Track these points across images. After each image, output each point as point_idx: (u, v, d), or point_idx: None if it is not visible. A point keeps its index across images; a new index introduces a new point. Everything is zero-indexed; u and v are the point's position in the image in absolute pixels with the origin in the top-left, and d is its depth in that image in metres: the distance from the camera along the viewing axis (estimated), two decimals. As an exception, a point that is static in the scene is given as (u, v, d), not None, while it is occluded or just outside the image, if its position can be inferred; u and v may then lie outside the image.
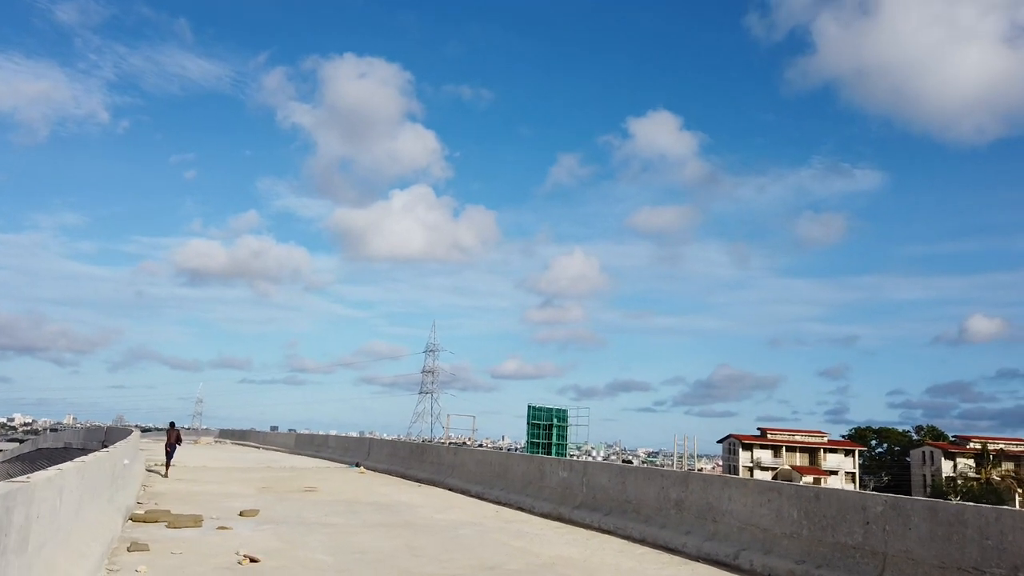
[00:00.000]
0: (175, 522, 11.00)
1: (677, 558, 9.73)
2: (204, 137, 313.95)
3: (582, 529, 12.26)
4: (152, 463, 23.52)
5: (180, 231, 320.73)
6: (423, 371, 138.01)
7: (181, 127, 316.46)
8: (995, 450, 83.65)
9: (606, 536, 11.53)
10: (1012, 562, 6.02)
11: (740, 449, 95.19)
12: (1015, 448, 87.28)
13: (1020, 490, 79.52)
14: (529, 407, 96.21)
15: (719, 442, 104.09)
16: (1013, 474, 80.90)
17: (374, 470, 25.96)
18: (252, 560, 8.30)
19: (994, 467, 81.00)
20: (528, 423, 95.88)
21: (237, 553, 8.63)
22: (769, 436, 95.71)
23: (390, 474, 24.27)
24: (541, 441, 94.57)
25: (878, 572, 7.30)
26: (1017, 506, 78.58)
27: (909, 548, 7.08)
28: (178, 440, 22.47)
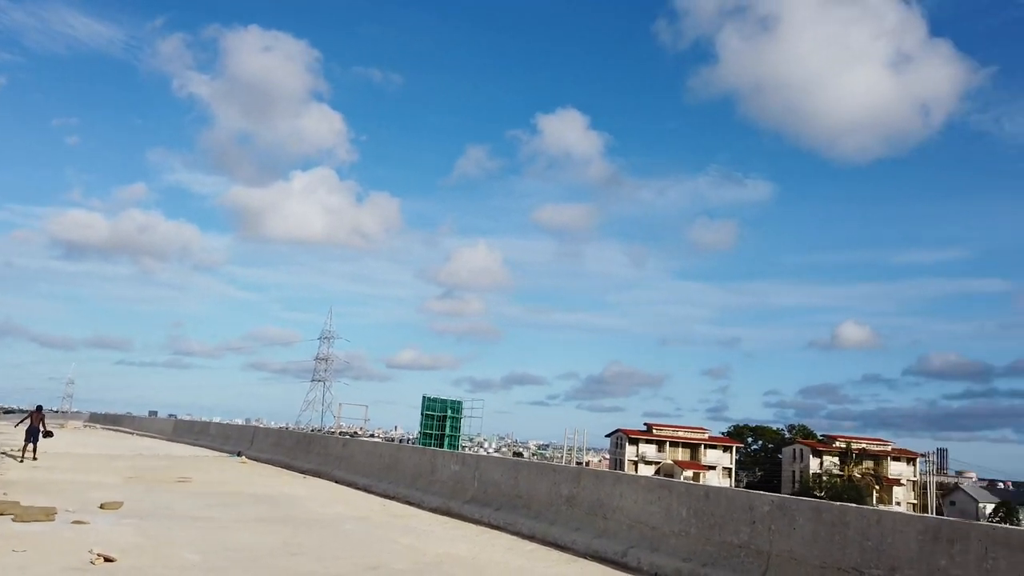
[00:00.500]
0: (23, 515, 9.92)
1: (566, 555, 9.62)
2: (91, 102, 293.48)
3: (472, 525, 12.00)
4: (8, 448, 21.54)
5: (58, 200, 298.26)
6: (316, 358, 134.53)
7: (65, 89, 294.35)
8: (857, 449, 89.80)
9: (496, 532, 11.31)
10: (890, 563, 6.18)
11: (627, 443, 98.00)
12: (875, 448, 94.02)
13: (877, 487, 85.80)
14: (424, 398, 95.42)
15: (607, 436, 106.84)
16: (872, 472, 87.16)
17: (257, 460, 24.81)
18: (107, 559, 7.52)
19: (856, 465, 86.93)
20: (422, 414, 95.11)
21: (91, 551, 7.82)
22: (654, 431, 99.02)
23: (274, 465, 23.24)
24: (434, 432, 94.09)
25: (762, 571, 7.39)
26: (874, 502, 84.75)
27: (792, 548, 7.19)
28: (42, 424, 20.48)
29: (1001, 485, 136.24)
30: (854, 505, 7.00)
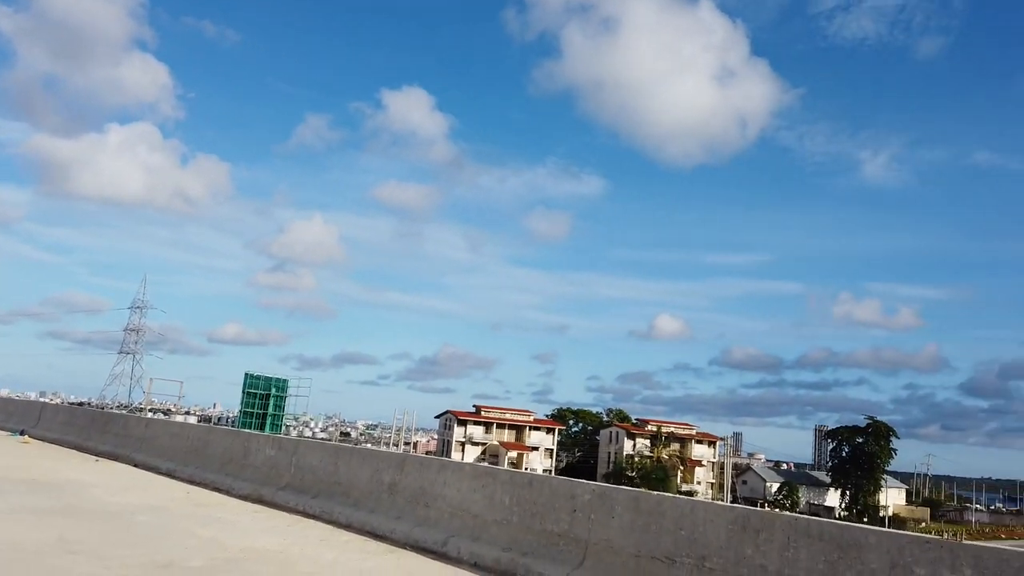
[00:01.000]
0: None
1: (384, 545, 9.21)
2: None
3: (285, 514, 11.25)
4: None
5: None
6: (126, 329, 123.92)
7: None
8: (667, 433, 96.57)
9: (311, 521, 10.66)
10: (701, 552, 6.34)
11: (455, 424, 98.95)
12: (681, 432, 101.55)
13: (682, 468, 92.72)
14: (246, 375, 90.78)
15: (437, 417, 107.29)
16: (678, 454, 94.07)
17: (44, 440, 22.11)
18: None
19: (664, 447, 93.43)
20: (244, 392, 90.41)
21: None
22: (483, 413, 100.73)
23: (64, 446, 20.79)
24: (256, 411, 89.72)
25: (579, 560, 7.39)
26: (678, 482, 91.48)
27: (611, 537, 7.24)
28: None
29: (785, 466, 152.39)
30: (671, 495, 7.16)
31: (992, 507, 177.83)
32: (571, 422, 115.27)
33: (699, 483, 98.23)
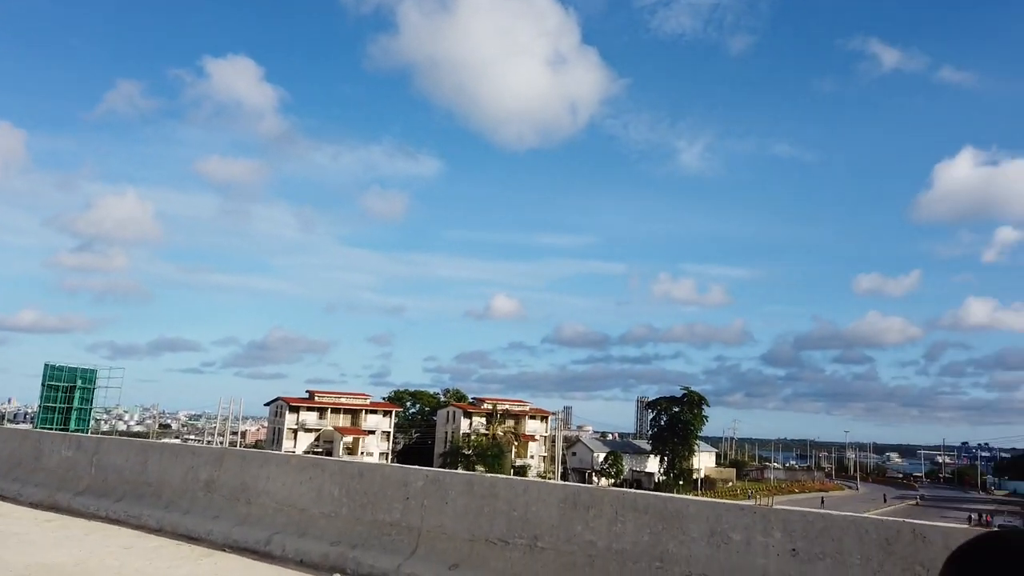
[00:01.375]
0: None
1: (200, 548, 8.49)
2: None
3: (84, 521, 10.09)
4: None
5: None
6: None
7: None
8: (501, 410, 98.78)
9: (114, 528, 9.63)
10: (533, 532, 6.33)
11: (287, 411, 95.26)
12: (516, 409, 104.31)
13: (516, 443, 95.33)
14: (46, 366, 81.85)
15: (267, 404, 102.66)
16: (512, 430, 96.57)
17: None
18: None
19: (500, 424, 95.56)
20: (43, 385, 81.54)
21: None
22: (316, 398, 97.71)
23: None
24: (60, 405, 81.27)
25: (412, 548, 7.17)
26: (513, 456, 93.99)
27: (444, 523, 7.08)
28: None
29: (611, 436, 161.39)
30: (504, 477, 7.11)
31: (787, 464, 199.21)
32: (408, 404, 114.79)
33: (532, 457, 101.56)
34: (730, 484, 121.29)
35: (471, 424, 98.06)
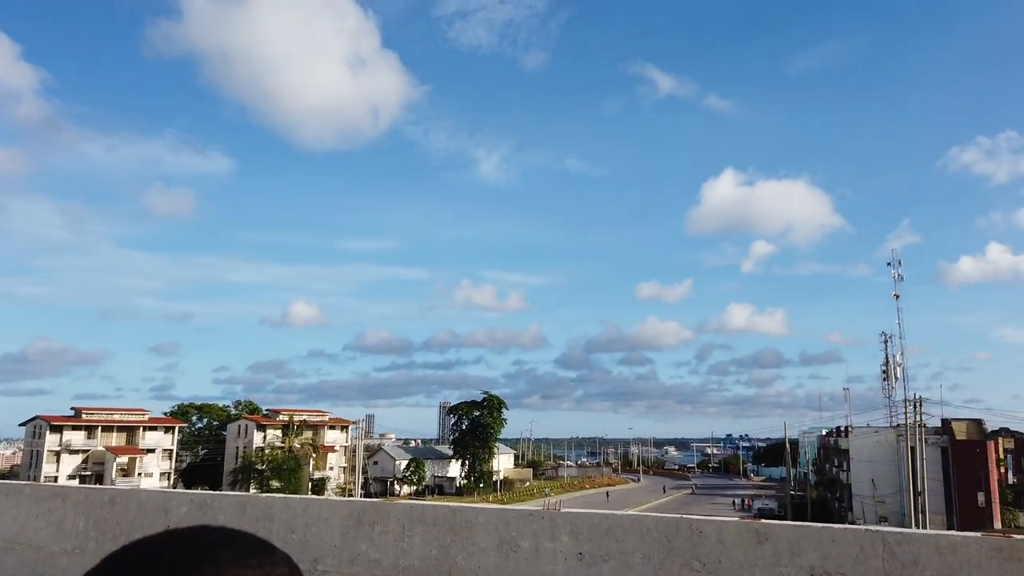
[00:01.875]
0: None
1: (-102, 605, 6.93)
2: None
3: None
4: None
5: None
6: None
7: None
8: (299, 421, 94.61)
9: None
10: (313, 555, 5.79)
11: (48, 431, 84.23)
12: (314, 419, 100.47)
13: (314, 455, 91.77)
14: None
15: (22, 424, 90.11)
16: (311, 442, 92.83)
17: None
18: None
19: (296, 436, 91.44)
20: None
21: None
22: (84, 416, 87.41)
23: None
24: None
25: (174, 583, 6.31)
26: (311, 469, 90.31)
27: (212, 550, 6.31)
28: None
29: (413, 443, 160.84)
30: (281, 496, 6.48)
31: (579, 462, 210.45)
32: (195, 418, 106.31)
33: (332, 469, 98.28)
34: (527, 484, 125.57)
35: (265, 437, 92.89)
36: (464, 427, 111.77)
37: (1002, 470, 63.71)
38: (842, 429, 77.88)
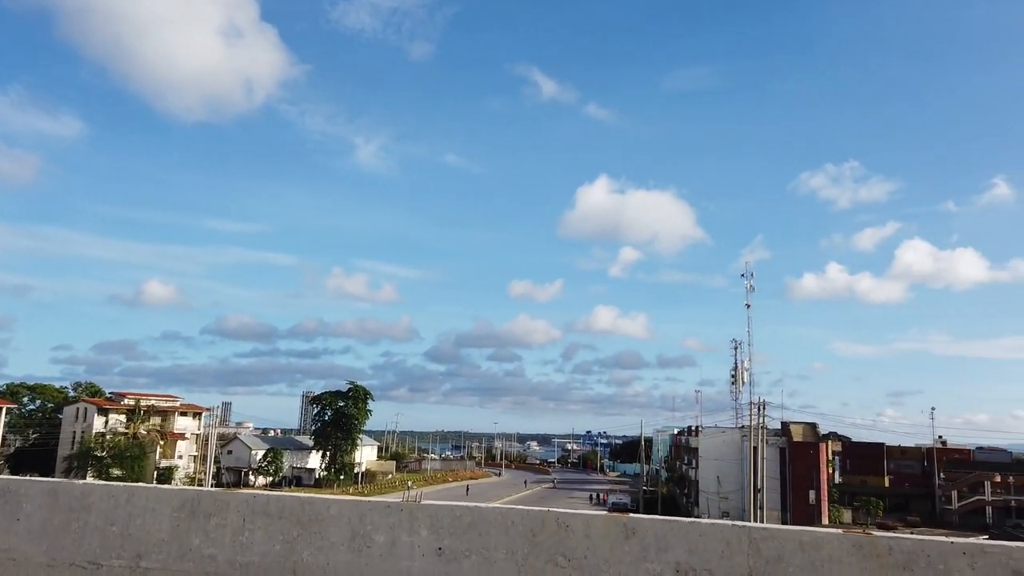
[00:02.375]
0: None
1: None
2: None
3: None
4: None
5: None
6: None
7: None
8: (146, 406, 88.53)
9: None
10: (137, 550, 5.10)
11: None
12: (164, 404, 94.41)
13: (162, 442, 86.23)
14: None
15: None
16: (158, 428, 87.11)
17: None
18: None
19: (143, 422, 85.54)
20: None
21: None
22: None
23: None
24: None
25: (-37, 583, 5.41)
26: (157, 457, 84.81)
27: (14, 545, 5.45)
28: None
29: (273, 433, 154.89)
30: (103, 483, 5.71)
31: (443, 455, 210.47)
32: (26, 399, 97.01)
33: (181, 457, 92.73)
34: (390, 476, 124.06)
35: (107, 422, 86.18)
36: (327, 418, 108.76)
37: (830, 470, 69.48)
38: (692, 428, 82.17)
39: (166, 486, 5.36)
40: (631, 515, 4.44)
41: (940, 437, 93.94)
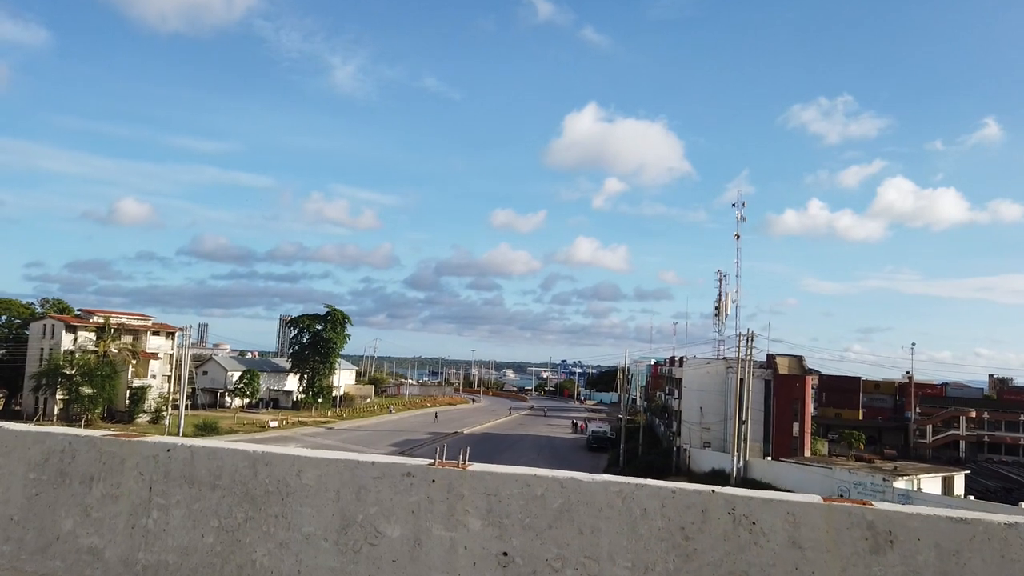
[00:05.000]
0: None
1: None
2: None
3: None
4: None
5: None
6: None
7: None
8: (116, 324, 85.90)
9: None
10: (-38, 537, 2.95)
11: None
12: (135, 323, 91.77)
13: (134, 361, 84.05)
14: None
15: None
16: (130, 347, 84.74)
17: None
18: None
19: (114, 340, 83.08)
20: None
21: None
22: None
23: None
24: None
25: None
26: (130, 376, 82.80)
27: None
28: None
29: (250, 355, 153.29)
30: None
31: (421, 380, 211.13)
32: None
33: (155, 377, 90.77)
34: (368, 400, 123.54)
35: (76, 340, 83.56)
36: (304, 340, 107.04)
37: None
38: (676, 359, 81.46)
39: (17, 425, 3.14)
40: (874, 506, 2.35)
41: (908, 373, 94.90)
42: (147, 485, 2.82)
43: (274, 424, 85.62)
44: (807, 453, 59.01)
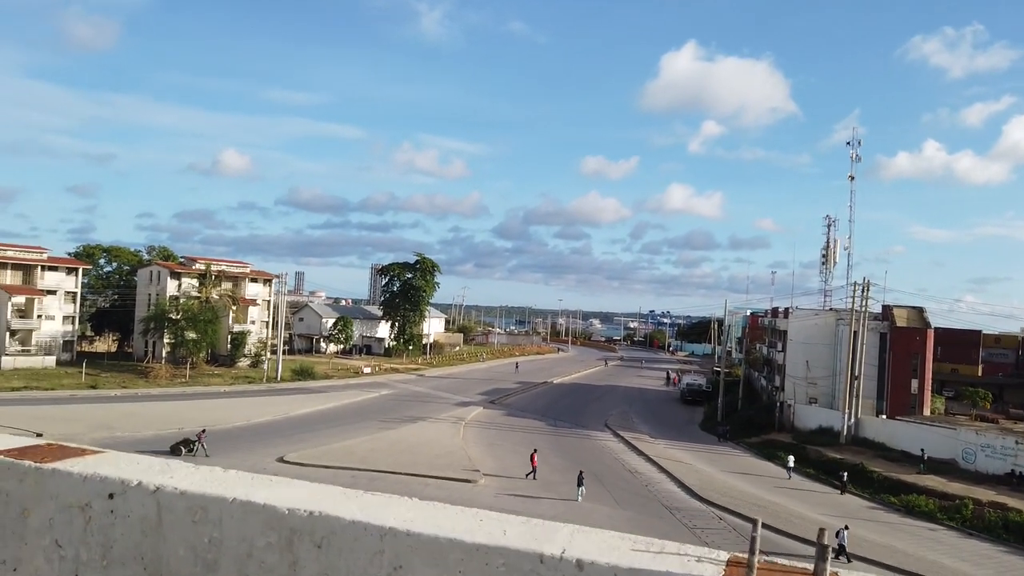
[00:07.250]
0: None
1: None
2: None
3: None
4: None
5: None
6: None
7: None
8: (217, 271, 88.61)
9: None
10: None
11: (-71, 266, 76.06)
12: (234, 270, 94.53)
13: (234, 307, 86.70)
14: None
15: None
16: (230, 293, 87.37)
17: None
18: None
19: (215, 287, 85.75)
20: None
21: None
22: (-31, 250, 79.15)
23: None
24: None
25: None
26: (230, 321, 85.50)
27: None
28: None
29: (344, 303, 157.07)
30: None
31: (508, 329, 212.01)
32: (103, 261, 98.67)
33: (254, 322, 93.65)
34: (457, 348, 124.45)
35: (180, 286, 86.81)
36: (395, 288, 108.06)
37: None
38: (780, 310, 77.31)
39: None
40: None
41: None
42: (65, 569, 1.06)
43: (367, 370, 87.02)
44: (926, 412, 54.76)
